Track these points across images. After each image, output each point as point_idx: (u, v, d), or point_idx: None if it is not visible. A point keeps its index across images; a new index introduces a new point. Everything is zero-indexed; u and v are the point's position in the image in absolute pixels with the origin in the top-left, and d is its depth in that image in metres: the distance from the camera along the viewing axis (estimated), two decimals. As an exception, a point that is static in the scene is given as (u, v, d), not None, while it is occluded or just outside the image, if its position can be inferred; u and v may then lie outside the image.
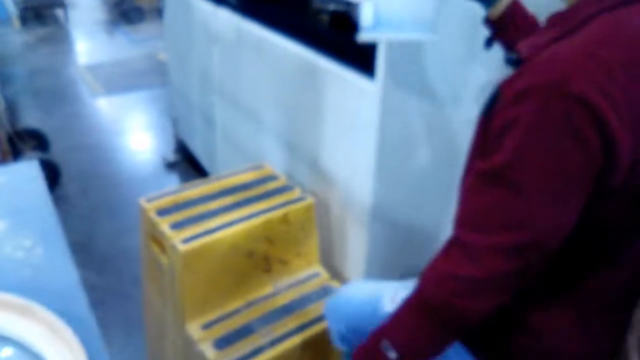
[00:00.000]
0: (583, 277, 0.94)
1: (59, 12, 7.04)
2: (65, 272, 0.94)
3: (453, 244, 0.91)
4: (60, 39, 6.31)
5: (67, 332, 0.74)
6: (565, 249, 0.86)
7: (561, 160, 0.79)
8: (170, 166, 3.44)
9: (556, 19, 0.91)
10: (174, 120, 3.44)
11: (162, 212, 1.72)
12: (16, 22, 6.61)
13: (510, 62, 0.95)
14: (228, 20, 2.39)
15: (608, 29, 0.83)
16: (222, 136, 2.74)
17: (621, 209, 0.87)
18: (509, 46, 1.29)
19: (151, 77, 4.99)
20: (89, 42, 6.28)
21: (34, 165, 1.28)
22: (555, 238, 0.84)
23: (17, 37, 6.22)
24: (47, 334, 0.76)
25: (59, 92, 4.67)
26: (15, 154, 3.18)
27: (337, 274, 1.95)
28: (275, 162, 2.15)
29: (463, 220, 0.90)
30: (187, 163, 3.40)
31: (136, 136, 4.03)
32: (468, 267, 0.86)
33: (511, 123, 0.81)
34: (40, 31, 6.49)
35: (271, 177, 1.96)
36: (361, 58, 1.65)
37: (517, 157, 0.81)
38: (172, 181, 3.34)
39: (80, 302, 0.86)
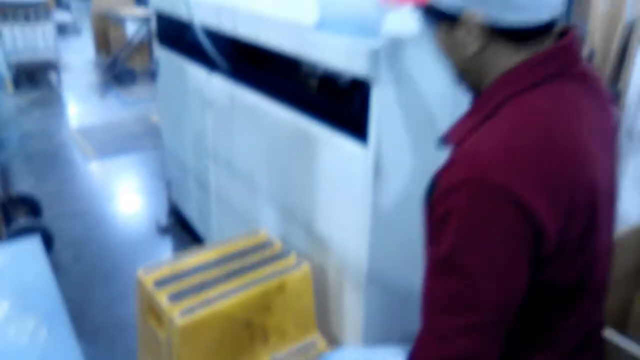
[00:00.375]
0: (552, 322, 1.00)
1: (52, 75, 7.16)
2: (70, 354, 0.94)
3: (423, 328, 0.96)
4: (52, 102, 6.40)
5: None
6: (527, 304, 0.93)
7: (494, 245, 0.87)
8: (164, 231, 3.44)
9: (476, 103, 1.00)
10: (168, 183, 3.47)
11: (159, 283, 1.72)
12: (9, 86, 6.71)
13: (442, 144, 1.03)
14: (221, 86, 2.46)
15: (519, 116, 0.92)
16: (216, 200, 2.76)
17: (563, 265, 0.93)
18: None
19: (144, 139, 5.05)
20: (81, 105, 6.36)
21: (35, 242, 1.29)
22: (511, 308, 0.91)
23: (10, 100, 6.29)
24: None
25: (51, 157, 4.70)
26: (8, 221, 3.17)
27: (334, 340, 1.94)
28: (270, 226, 2.17)
29: (426, 305, 0.96)
30: (181, 227, 3.40)
31: (129, 200, 4.05)
32: (439, 348, 0.92)
33: (446, 214, 0.90)
34: (33, 94, 6.58)
35: (267, 244, 1.97)
36: (353, 122, 1.70)
37: (456, 246, 0.89)
38: (166, 246, 3.33)
39: (85, 390, 0.86)
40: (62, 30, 9.84)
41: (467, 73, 1.01)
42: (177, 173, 3.30)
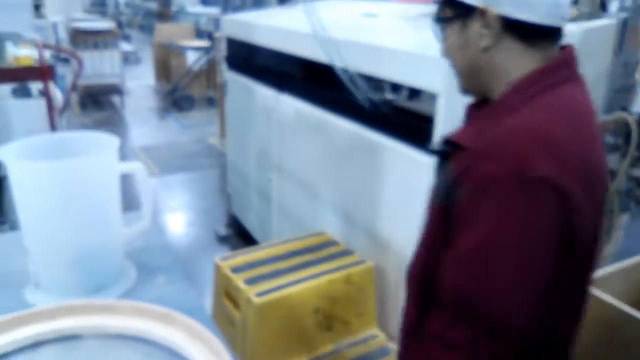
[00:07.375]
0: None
1: (115, 98, 7.59)
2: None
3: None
4: (116, 122, 6.78)
5: (209, 335, 0.89)
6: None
7: (532, 243, 0.89)
8: (222, 239, 3.63)
9: (486, 109, 1.04)
10: (229, 196, 3.67)
11: (236, 269, 1.89)
12: (76, 107, 7.15)
13: (440, 153, 1.07)
14: (289, 104, 2.66)
15: (549, 108, 0.95)
16: (277, 209, 2.93)
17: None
18: None
19: (202, 159, 5.32)
20: (142, 126, 6.72)
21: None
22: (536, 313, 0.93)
23: (76, 120, 6.70)
24: (188, 338, 0.91)
25: (116, 170, 4.99)
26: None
27: (391, 338, 2.05)
28: (331, 231, 2.32)
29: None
30: (239, 237, 3.58)
31: (189, 212, 4.27)
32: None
33: (480, 210, 0.92)
34: (97, 115, 7.00)
35: (331, 243, 2.12)
36: (416, 131, 1.85)
37: (490, 242, 0.91)
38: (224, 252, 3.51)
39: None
40: (124, 59, 10.40)
41: (474, 73, 1.04)
42: (238, 186, 3.50)
